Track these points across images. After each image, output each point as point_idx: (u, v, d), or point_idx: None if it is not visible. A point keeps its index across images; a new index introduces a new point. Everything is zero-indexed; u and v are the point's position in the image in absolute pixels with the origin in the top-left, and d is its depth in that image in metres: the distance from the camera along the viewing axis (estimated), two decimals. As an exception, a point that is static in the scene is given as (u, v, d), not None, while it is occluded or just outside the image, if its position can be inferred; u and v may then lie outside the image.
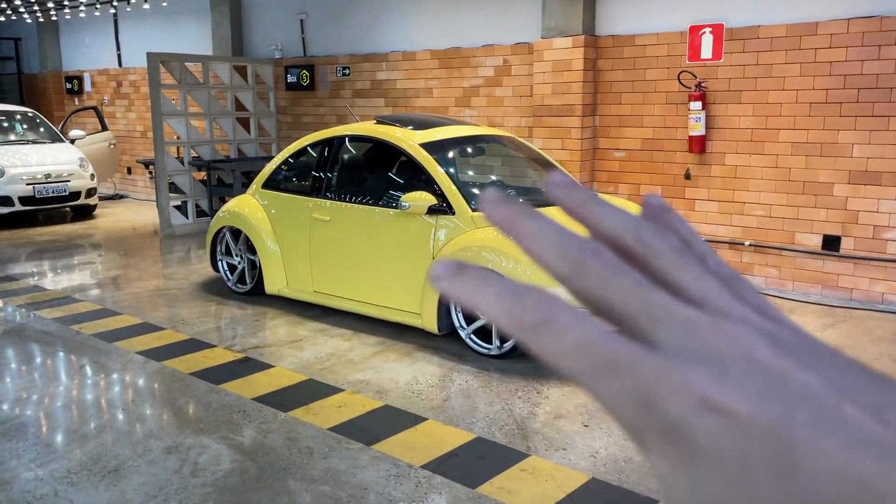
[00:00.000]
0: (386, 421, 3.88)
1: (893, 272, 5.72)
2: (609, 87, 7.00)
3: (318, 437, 3.68)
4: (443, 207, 4.93)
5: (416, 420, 3.87)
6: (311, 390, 4.29)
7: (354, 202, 5.49)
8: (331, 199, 5.63)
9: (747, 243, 6.37)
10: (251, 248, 6.22)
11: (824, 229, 6.00)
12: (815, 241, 6.05)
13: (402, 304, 5.17)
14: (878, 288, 5.80)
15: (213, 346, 5.11)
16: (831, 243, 5.98)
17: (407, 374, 4.50)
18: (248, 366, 4.71)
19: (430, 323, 4.95)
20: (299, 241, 5.80)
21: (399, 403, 4.08)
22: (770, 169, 6.19)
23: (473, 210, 4.87)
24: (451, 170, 5.15)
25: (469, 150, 5.67)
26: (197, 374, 4.57)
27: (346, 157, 6.05)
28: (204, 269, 7.29)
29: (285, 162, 6.16)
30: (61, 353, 5.03)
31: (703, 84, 6.34)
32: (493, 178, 5.79)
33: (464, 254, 4.70)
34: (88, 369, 4.73)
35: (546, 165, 5.76)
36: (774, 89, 6.07)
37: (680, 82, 6.47)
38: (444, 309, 4.92)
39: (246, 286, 6.31)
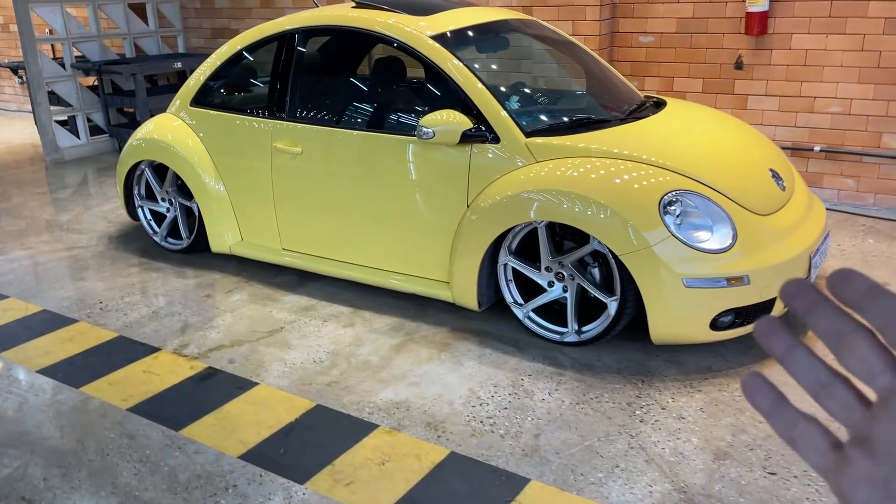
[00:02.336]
0: (462, 488, 2.50)
1: None
2: (634, -50, 5.43)
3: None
4: (481, 132, 3.39)
5: (510, 485, 2.51)
6: (327, 429, 2.84)
7: (339, 126, 3.85)
8: (300, 121, 3.95)
9: (817, 148, 5.14)
10: (185, 191, 4.51)
11: (921, 129, 4.81)
12: (908, 144, 4.87)
13: (423, 269, 3.69)
14: None
15: (156, 348, 3.52)
16: (929, 146, 4.81)
17: (459, 387, 3.09)
18: (216, 385, 3.19)
19: (467, 296, 3.52)
20: (256, 180, 4.15)
21: (471, 448, 2.70)
22: (853, 53, 4.88)
23: (528, 135, 3.36)
24: (486, 76, 3.56)
25: (491, 43, 4.06)
26: (141, 408, 3.03)
27: (318, 60, 4.32)
28: (114, 213, 5.51)
29: (224, 67, 4.37)
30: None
31: (768, -58, 4.86)
32: (532, 89, 4.23)
33: (520, 202, 3.22)
34: (-34, 411, 3.09)
35: (590, 63, 4.23)
36: (865, -53, 4.67)
37: (735, -60, 4.96)
38: (484, 277, 3.49)
39: (182, 242, 4.64)
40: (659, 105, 3.98)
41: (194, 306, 3.96)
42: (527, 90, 4.04)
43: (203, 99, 4.42)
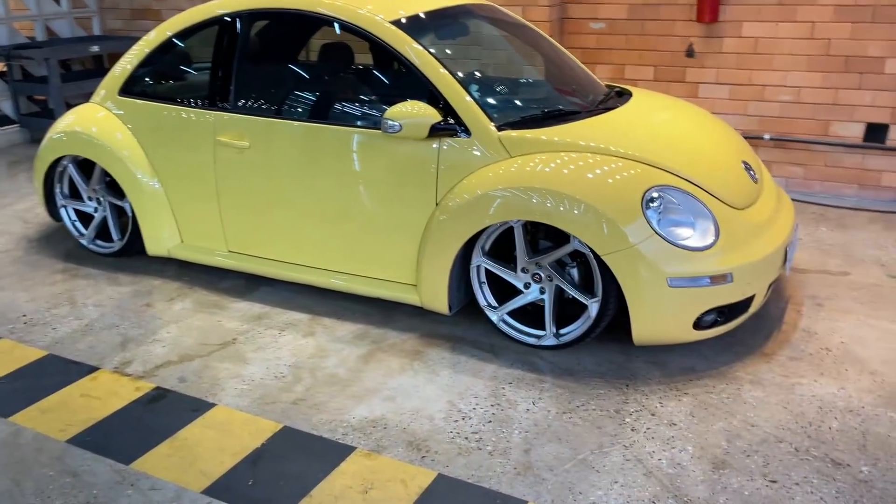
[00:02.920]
0: (456, 513, 2.31)
1: (952, 167, 4.75)
2: (583, -66, 5.29)
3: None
4: (451, 125, 3.18)
5: (507, 506, 2.33)
6: (299, 454, 2.59)
7: (292, 118, 3.55)
8: (247, 112, 3.64)
9: (767, 137, 5.14)
10: (115, 188, 4.13)
11: (869, 116, 4.87)
12: (856, 132, 4.92)
13: (388, 272, 3.46)
14: (931, 186, 4.83)
15: (94, 367, 3.18)
16: (876, 133, 4.88)
17: (438, 400, 2.89)
18: (168, 408, 2.88)
19: (437, 299, 3.31)
20: (197, 176, 3.82)
21: (459, 469, 2.50)
22: (803, 41, 4.89)
23: (500, 128, 3.16)
24: (450, 64, 3.34)
25: (450, 30, 3.83)
26: (82, 438, 2.70)
27: (266, 46, 4.00)
28: (32, 212, 5.04)
29: (157, 53, 4.00)
30: None
31: (720, -72, 4.80)
32: (498, 79, 4.00)
33: (495, 200, 3.03)
34: None
35: (552, 52, 4.07)
36: (815, -66, 4.66)
37: (687, -75, 4.88)
38: (455, 279, 3.29)
39: (113, 244, 4.25)
40: (622, 94, 3.86)
41: (133, 317, 3.61)
42: (493, 80, 3.84)
43: (133, 88, 4.04)
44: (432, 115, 3.12)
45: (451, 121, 3.16)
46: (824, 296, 3.66)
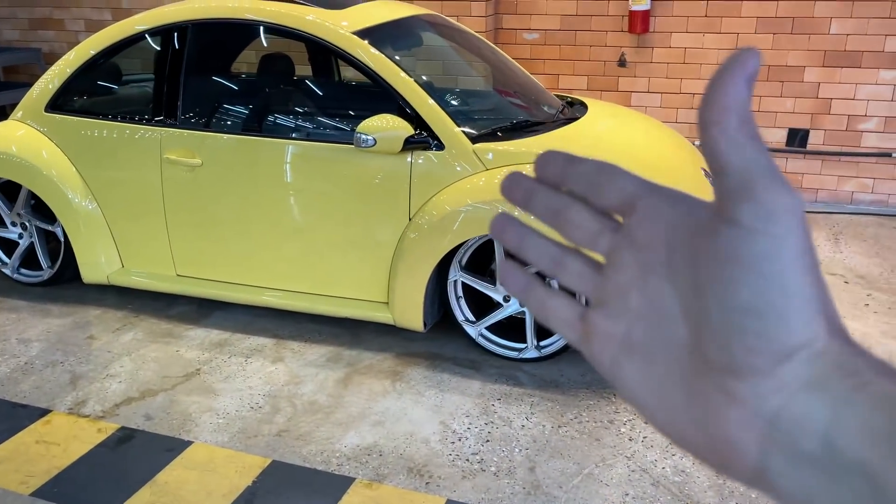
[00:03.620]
0: (475, 539, 2.23)
1: (866, 168, 5.07)
2: (515, -55, 5.33)
3: None
4: (424, 139, 3.10)
5: (524, 527, 2.28)
6: (295, 490, 2.44)
7: (249, 133, 3.38)
8: (199, 129, 3.43)
9: (696, 143, 5.33)
10: (43, 212, 3.80)
11: (790, 122, 5.14)
12: (779, 137, 5.19)
13: (357, 290, 3.33)
14: (848, 186, 5.14)
15: (45, 410, 2.90)
16: (797, 138, 5.15)
17: (430, 422, 2.80)
18: (139, 450, 2.65)
19: (411, 317, 3.22)
20: (141, 196, 3.57)
21: (468, 492, 2.43)
22: (728, 51, 5.11)
23: (474, 141, 3.12)
24: (423, 77, 3.26)
25: (407, 41, 3.75)
26: (48, 491, 2.44)
27: (216, 57, 3.79)
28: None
29: (90, 65, 3.71)
30: None
31: (649, -58, 4.95)
32: (464, 91, 3.94)
33: (476, 213, 2.99)
34: None
35: (506, 63, 4.07)
36: (738, -50, 4.89)
37: (617, -61, 5.01)
38: (430, 294, 3.21)
39: (41, 273, 3.91)
40: (574, 105, 3.90)
41: (78, 352, 3.32)
42: (460, 92, 3.79)
43: (62, 103, 3.74)
44: (405, 128, 3.04)
45: (424, 134, 3.09)
46: (775, 295, 3.82)
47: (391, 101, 3.15)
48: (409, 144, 3.07)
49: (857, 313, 3.52)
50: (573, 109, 3.77)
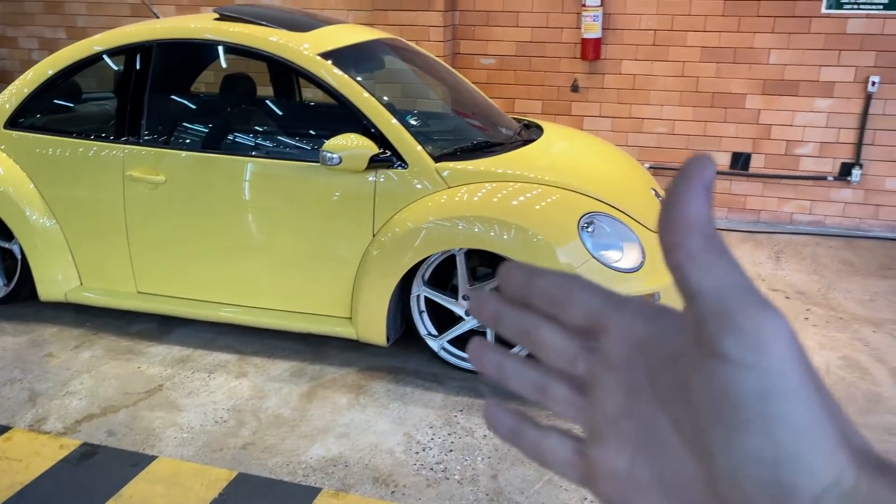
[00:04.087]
0: (440, 544, 2.30)
1: (804, 190, 5.34)
2: (472, -26, 5.51)
3: None
4: (388, 157, 3.19)
5: (488, 532, 2.35)
6: (263, 501, 2.47)
7: (214, 151, 3.42)
8: (164, 146, 3.46)
9: (646, 166, 5.54)
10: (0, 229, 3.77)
11: (733, 146, 5.39)
12: (724, 160, 5.43)
13: (320, 306, 3.39)
14: (788, 208, 5.40)
15: (5, 427, 2.87)
16: (741, 161, 5.40)
17: (394, 433, 2.86)
18: (102, 465, 2.65)
19: (374, 331, 3.29)
20: (102, 213, 3.57)
21: (432, 500, 2.49)
22: (675, 78, 5.35)
23: (437, 160, 3.22)
24: (386, 98, 3.36)
25: (370, 63, 3.85)
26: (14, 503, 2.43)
27: (181, 76, 3.83)
28: None
29: (52, 82, 3.71)
30: None
31: (600, -27, 5.18)
32: (425, 113, 4.03)
33: (439, 230, 3.08)
34: None
35: (465, 86, 4.20)
36: (683, -17, 5.15)
37: (570, -30, 5.23)
38: (393, 309, 3.28)
39: (-5, 291, 3.86)
40: (530, 127, 4.04)
41: (36, 369, 3.29)
42: (421, 114, 3.90)
43: (23, 120, 3.72)
44: (370, 147, 3.13)
45: (388, 153, 3.18)
46: (722, 310, 3.99)
47: (355, 121, 3.24)
48: (374, 163, 3.15)
49: (797, 326, 3.71)
50: (530, 131, 3.91)
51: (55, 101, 3.83)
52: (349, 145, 3.10)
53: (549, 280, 0.38)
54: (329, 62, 3.31)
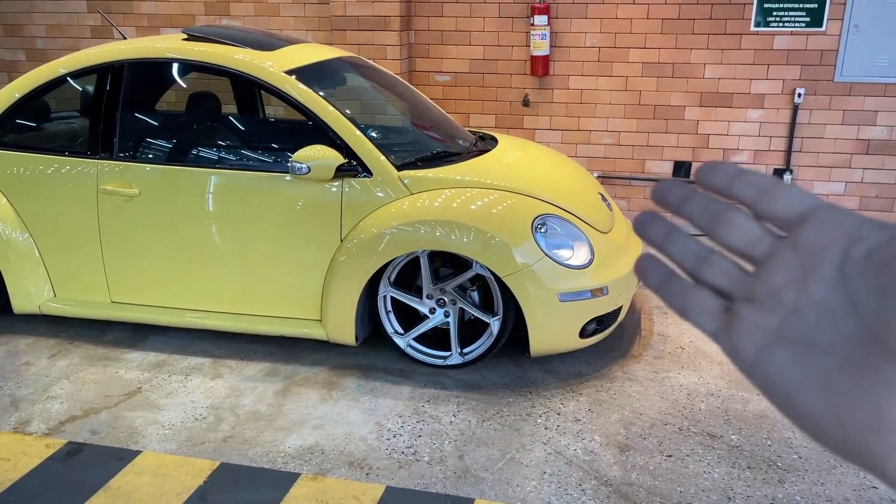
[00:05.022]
0: (413, 517, 2.50)
1: (741, 195, 5.70)
2: (425, -5, 5.78)
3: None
4: (353, 167, 3.41)
5: (457, 505, 2.56)
6: (245, 486, 2.64)
7: (186, 164, 3.59)
8: (137, 161, 3.62)
9: (595, 175, 5.86)
10: (-27, 245, 3.86)
11: (675, 155, 5.74)
12: (666, 168, 5.77)
13: (291, 309, 3.57)
14: (727, 212, 5.75)
15: (-12, 432, 2.98)
16: (682, 169, 5.75)
17: (366, 423, 3.06)
18: (89, 460, 2.79)
19: (344, 332, 3.48)
20: (76, 226, 3.70)
21: (404, 479, 2.70)
22: (619, 92, 5.69)
23: (400, 168, 3.45)
24: (348, 111, 3.58)
25: (333, 80, 4.07)
26: (3, 500, 2.55)
27: (149, 94, 3.98)
28: None
29: (24, 101, 3.84)
30: None
31: (546, -5, 5.50)
32: (386, 125, 4.26)
33: (403, 234, 3.30)
34: None
35: (422, 100, 4.44)
36: (624, 3, 5.49)
37: (518, -8, 5.54)
38: (361, 311, 3.49)
39: (-32, 305, 3.94)
40: (485, 139, 4.30)
41: (15, 377, 3.40)
42: (382, 126, 4.12)
43: (-6, 138, 3.84)
44: (336, 157, 3.34)
45: (354, 163, 3.40)
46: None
47: (321, 134, 3.45)
48: (340, 172, 3.37)
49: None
50: (485, 143, 4.16)
51: (24, 121, 3.95)
52: (317, 155, 3.31)
53: (762, 176, 0.40)
54: (293, 78, 3.52)
